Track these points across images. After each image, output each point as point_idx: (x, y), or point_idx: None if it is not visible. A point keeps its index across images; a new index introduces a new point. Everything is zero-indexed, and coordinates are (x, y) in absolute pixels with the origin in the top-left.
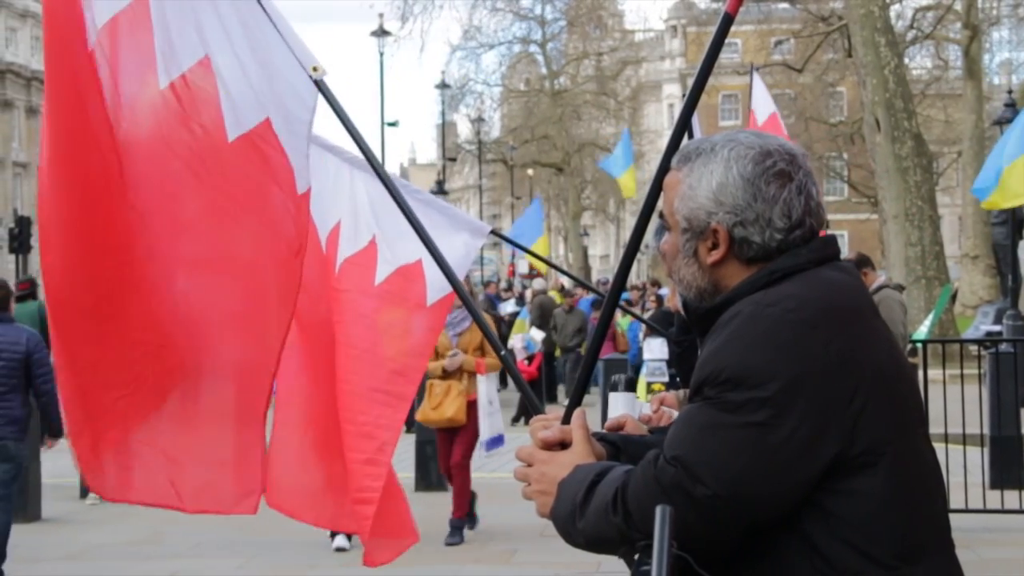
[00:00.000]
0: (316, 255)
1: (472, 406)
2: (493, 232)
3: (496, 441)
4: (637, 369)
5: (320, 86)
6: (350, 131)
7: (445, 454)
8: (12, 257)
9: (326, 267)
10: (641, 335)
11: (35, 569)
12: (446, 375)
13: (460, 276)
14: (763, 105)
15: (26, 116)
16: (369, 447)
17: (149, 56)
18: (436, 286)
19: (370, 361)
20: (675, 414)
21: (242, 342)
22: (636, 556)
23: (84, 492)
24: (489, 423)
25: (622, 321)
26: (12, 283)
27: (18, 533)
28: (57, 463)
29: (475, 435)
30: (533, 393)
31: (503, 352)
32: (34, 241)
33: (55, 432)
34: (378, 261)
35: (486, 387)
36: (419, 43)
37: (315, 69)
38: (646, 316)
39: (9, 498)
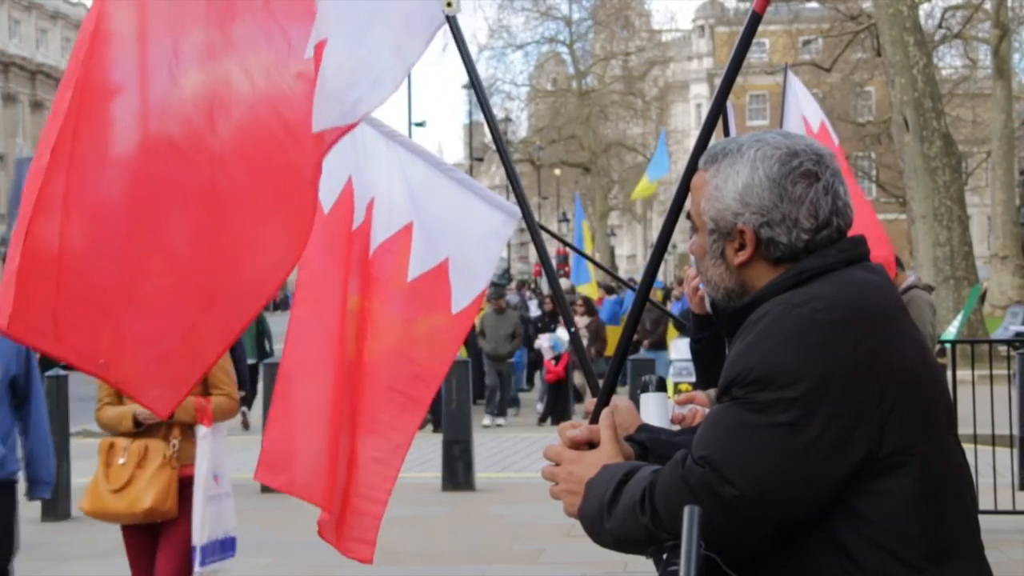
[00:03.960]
0: (344, 225)
1: (188, 486)
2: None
3: (223, 547)
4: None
5: (451, 23)
6: (470, 71)
7: (139, 571)
8: None
9: (361, 244)
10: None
11: (64, 568)
12: (139, 430)
13: (495, 255)
14: (810, 109)
15: (31, 110)
16: (384, 447)
17: None
18: (462, 292)
19: (393, 359)
20: (707, 412)
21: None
22: (664, 556)
23: None
24: (212, 514)
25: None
26: None
27: (47, 531)
28: (87, 462)
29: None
30: (562, 392)
31: (573, 329)
32: None
33: None
34: (411, 253)
35: (211, 451)
36: (442, 43)
37: (448, 4)
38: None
39: None
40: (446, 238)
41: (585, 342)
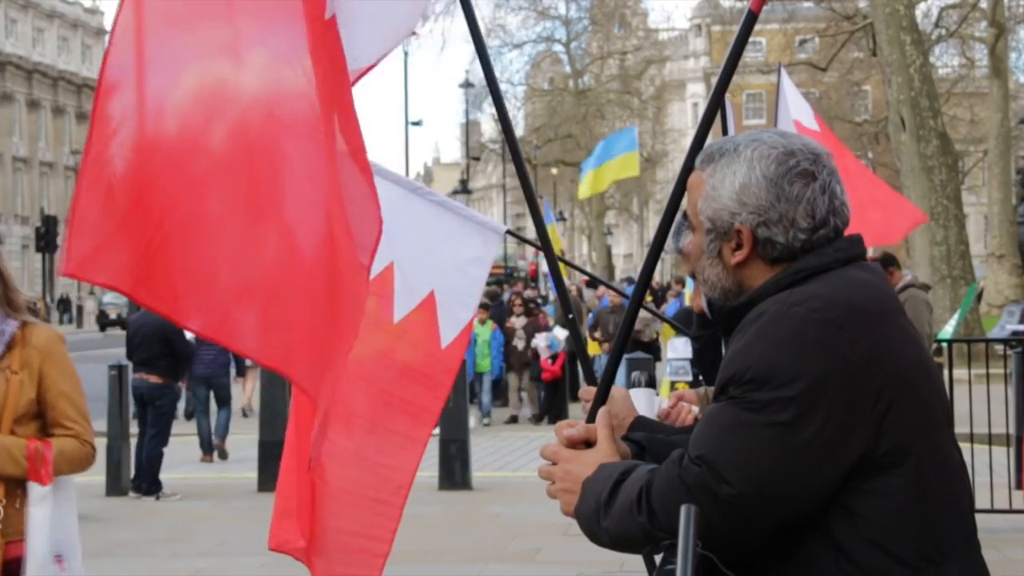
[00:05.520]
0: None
1: (16, 570)
2: (509, 232)
3: None
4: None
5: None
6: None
7: None
8: (39, 256)
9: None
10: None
11: None
12: None
13: (480, 281)
14: (793, 107)
15: (27, 109)
16: (385, 488)
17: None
18: (449, 324)
19: (387, 401)
20: (694, 409)
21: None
22: (661, 555)
23: (114, 490)
24: None
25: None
26: (39, 282)
27: None
28: None
29: None
30: (559, 391)
31: (571, 315)
32: (60, 240)
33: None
34: (395, 295)
35: (52, 519)
36: (440, 42)
37: None
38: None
39: None
40: (430, 271)
41: (521, 344)
